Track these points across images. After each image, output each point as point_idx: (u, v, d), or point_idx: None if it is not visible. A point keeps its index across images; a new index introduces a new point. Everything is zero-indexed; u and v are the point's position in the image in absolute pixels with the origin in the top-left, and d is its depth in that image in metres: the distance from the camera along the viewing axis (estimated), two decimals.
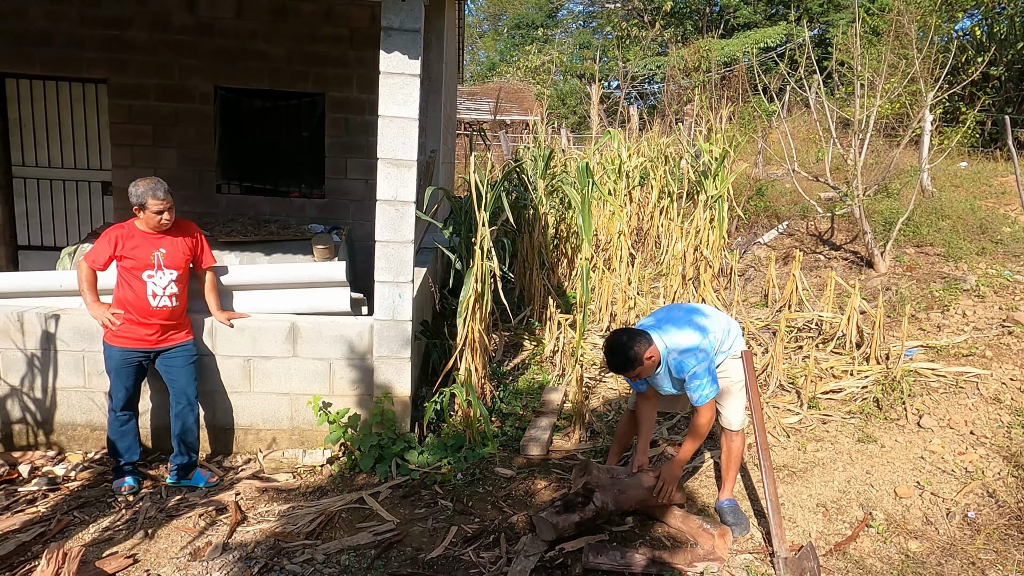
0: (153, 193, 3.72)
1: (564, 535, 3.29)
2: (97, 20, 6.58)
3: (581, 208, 5.16)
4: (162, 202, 3.74)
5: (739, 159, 9.53)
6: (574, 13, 31.23)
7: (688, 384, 3.31)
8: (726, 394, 3.60)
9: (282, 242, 5.57)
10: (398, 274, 4.18)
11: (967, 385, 4.82)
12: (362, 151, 7.01)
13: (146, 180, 3.75)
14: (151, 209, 3.74)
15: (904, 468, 4.11)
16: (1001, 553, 3.30)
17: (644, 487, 3.49)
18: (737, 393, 3.61)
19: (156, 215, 3.76)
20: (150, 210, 3.74)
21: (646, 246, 8.30)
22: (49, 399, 4.24)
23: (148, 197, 3.72)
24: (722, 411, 3.65)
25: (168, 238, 3.85)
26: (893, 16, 10.10)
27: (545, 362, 5.87)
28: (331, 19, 6.80)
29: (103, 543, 3.40)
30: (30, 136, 6.84)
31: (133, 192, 3.73)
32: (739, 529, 3.55)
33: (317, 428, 4.34)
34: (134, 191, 3.73)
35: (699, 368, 3.28)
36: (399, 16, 3.89)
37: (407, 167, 4.05)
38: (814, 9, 22.03)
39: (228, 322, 4.20)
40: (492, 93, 19.41)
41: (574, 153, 11.05)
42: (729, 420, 3.65)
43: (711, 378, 3.32)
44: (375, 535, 3.47)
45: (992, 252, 6.74)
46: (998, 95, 12.40)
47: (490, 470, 4.21)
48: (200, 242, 4.05)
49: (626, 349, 3.26)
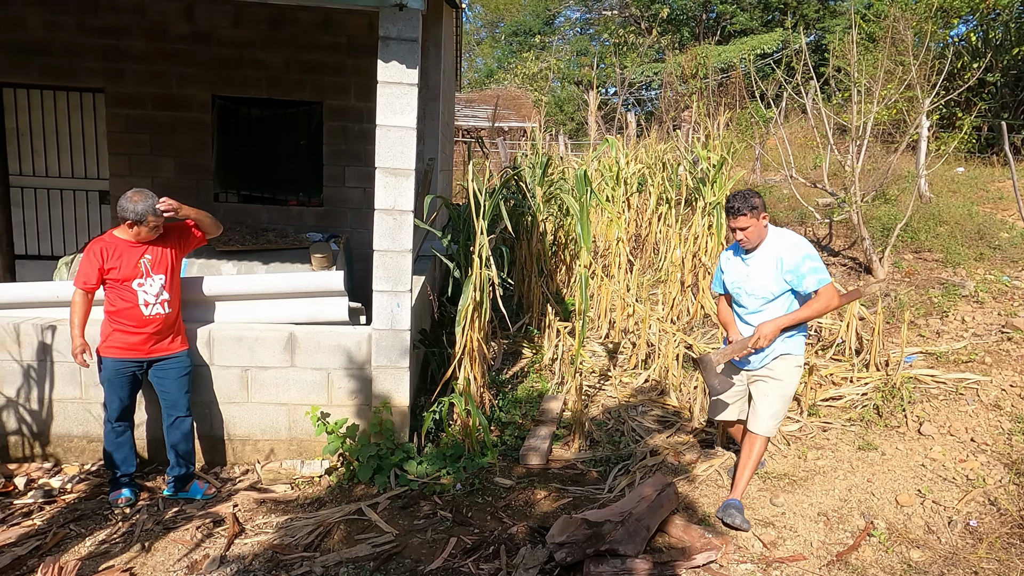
0: (154, 210, 3.70)
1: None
2: (94, 29, 6.58)
3: (579, 216, 5.16)
4: (160, 218, 3.73)
5: (737, 165, 9.54)
6: (571, 20, 31.34)
7: (802, 270, 3.52)
8: (782, 396, 3.70)
9: (280, 251, 5.55)
10: (396, 283, 4.16)
11: (967, 391, 4.81)
12: (360, 159, 7.01)
13: (140, 195, 3.70)
14: (149, 225, 3.71)
15: (905, 476, 4.09)
16: (1004, 562, 3.29)
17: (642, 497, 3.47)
18: (785, 401, 3.72)
19: (152, 230, 3.74)
20: (148, 226, 3.71)
21: (644, 253, 8.29)
22: (45, 410, 4.21)
23: (149, 214, 3.69)
24: (761, 412, 3.71)
25: (150, 244, 3.81)
26: (889, 22, 10.13)
27: (544, 370, 5.86)
28: (329, 28, 6.81)
29: (99, 556, 3.37)
30: (27, 145, 6.82)
31: (131, 208, 3.67)
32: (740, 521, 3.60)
33: (315, 438, 4.31)
34: (132, 208, 3.67)
35: (814, 261, 3.55)
36: (397, 25, 3.89)
37: (405, 176, 4.04)
38: (810, 15, 22.13)
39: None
40: (490, 100, 19.45)
41: (572, 160, 11.05)
42: (763, 423, 3.70)
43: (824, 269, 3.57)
44: (374, 547, 3.45)
45: (990, 257, 6.74)
46: (994, 101, 12.43)
47: (489, 480, 4.18)
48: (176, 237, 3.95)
49: (750, 194, 3.59)
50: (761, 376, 3.75)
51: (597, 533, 3.16)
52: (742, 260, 3.76)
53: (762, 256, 3.65)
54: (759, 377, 3.76)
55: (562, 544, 3.15)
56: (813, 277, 3.53)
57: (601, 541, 3.15)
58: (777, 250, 3.62)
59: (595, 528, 3.18)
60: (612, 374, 5.79)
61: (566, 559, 3.14)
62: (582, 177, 5.22)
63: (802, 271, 3.54)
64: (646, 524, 3.35)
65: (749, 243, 3.64)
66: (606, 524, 3.20)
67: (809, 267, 3.53)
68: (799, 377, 3.79)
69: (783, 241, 3.65)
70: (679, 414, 5.05)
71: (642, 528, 3.31)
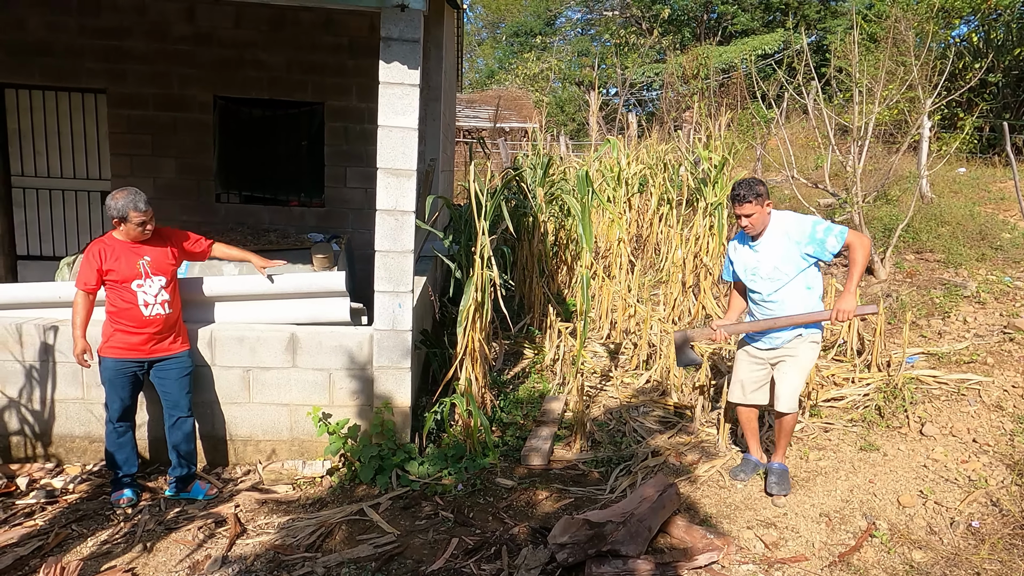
0: (135, 205, 3.69)
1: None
2: (96, 30, 6.59)
3: (581, 217, 5.16)
4: (143, 214, 3.71)
5: (738, 166, 9.54)
6: (572, 21, 31.35)
7: (817, 236, 3.63)
8: (795, 371, 3.85)
9: (281, 251, 5.55)
10: (398, 284, 4.16)
11: (969, 392, 4.81)
12: (361, 160, 7.01)
13: (124, 192, 3.71)
14: (133, 221, 3.71)
15: (907, 477, 4.09)
16: (1006, 563, 3.28)
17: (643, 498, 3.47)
18: (803, 375, 3.90)
19: (138, 227, 3.73)
20: (132, 222, 3.71)
21: (646, 253, 8.29)
22: (47, 411, 4.22)
23: (130, 210, 3.68)
24: (783, 389, 3.88)
25: (149, 247, 3.82)
26: (890, 23, 10.13)
27: (545, 371, 5.86)
28: (330, 28, 6.81)
29: (101, 557, 3.37)
30: (29, 146, 6.83)
31: (112, 205, 3.68)
32: (779, 489, 3.88)
33: (317, 439, 4.31)
34: (113, 204, 3.68)
35: (821, 223, 3.67)
36: (398, 26, 3.89)
37: (407, 177, 4.05)
38: (811, 16, 22.12)
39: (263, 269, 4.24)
40: (491, 101, 19.45)
41: (573, 160, 11.05)
42: (786, 402, 3.89)
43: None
44: (375, 547, 3.45)
45: (992, 258, 6.74)
46: (996, 101, 12.43)
47: (491, 480, 4.18)
48: (182, 244, 4.00)
49: (755, 182, 3.70)
50: (781, 357, 3.92)
51: (599, 534, 3.16)
52: (750, 248, 3.88)
53: (769, 240, 3.79)
54: (780, 358, 3.93)
55: (564, 545, 3.15)
56: (832, 237, 3.66)
57: (603, 542, 3.15)
58: (782, 227, 3.76)
59: (597, 529, 3.18)
60: (613, 375, 5.79)
61: (568, 560, 3.14)
62: (583, 178, 5.22)
63: (818, 237, 3.66)
64: (648, 525, 3.35)
65: (753, 229, 3.77)
66: (608, 525, 3.20)
67: (822, 229, 3.67)
68: (816, 352, 3.93)
69: (784, 219, 3.80)
70: (681, 415, 5.05)
71: (644, 529, 3.30)
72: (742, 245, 3.95)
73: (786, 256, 3.74)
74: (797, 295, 3.79)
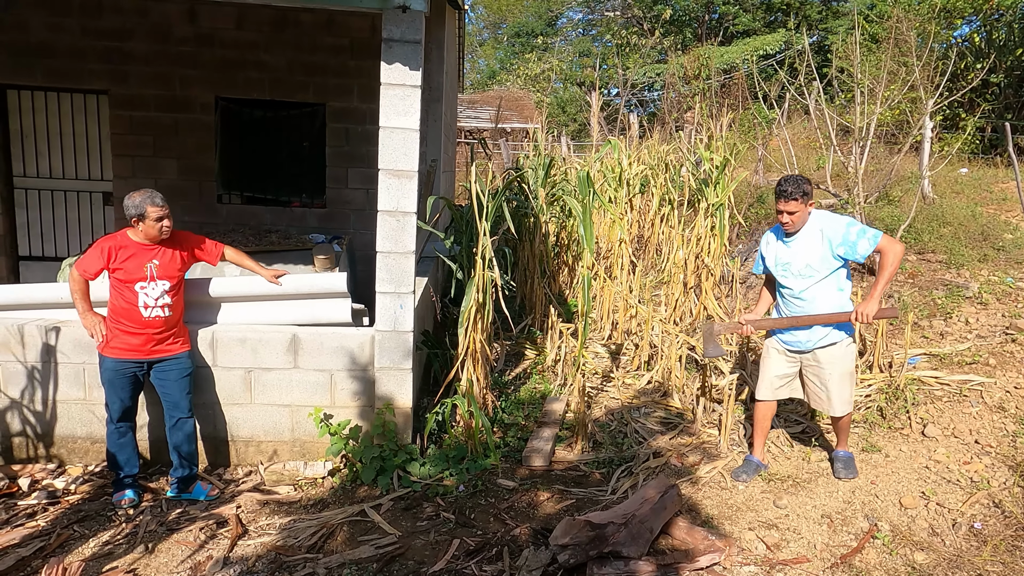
0: (152, 200, 3.71)
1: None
2: (98, 31, 6.60)
3: (582, 218, 5.15)
4: (161, 208, 3.74)
5: (740, 166, 9.52)
6: (573, 21, 31.38)
7: (850, 238, 3.68)
8: (839, 379, 3.92)
9: (283, 252, 5.56)
10: (399, 285, 4.16)
11: (971, 393, 4.80)
12: (363, 161, 7.01)
13: (140, 191, 3.74)
14: (152, 217, 3.72)
15: (909, 478, 4.08)
16: (1008, 565, 3.27)
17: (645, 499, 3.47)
18: (850, 380, 3.97)
19: (157, 223, 3.74)
20: (151, 218, 3.72)
21: (647, 254, 8.29)
22: (49, 412, 4.22)
23: (148, 205, 3.70)
24: (832, 396, 3.94)
25: (162, 249, 3.83)
26: (892, 23, 10.12)
27: (547, 371, 5.85)
28: (331, 29, 6.81)
29: (103, 557, 3.38)
30: (31, 147, 6.84)
31: (130, 204, 3.70)
32: (847, 474, 4.03)
33: (318, 440, 4.32)
34: (130, 203, 3.70)
35: (855, 225, 3.72)
36: (400, 27, 3.89)
37: (408, 178, 4.05)
38: (813, 16, 22.12)
39: (276, 280, 4.25)
40: (492, 101, 19.47)
41: (574, 161, 11.05)
42: (840, 408, 3.96)
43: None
44: (377, 548, 3.45)
45: (994, 259, 6.72)
46: (998, 101, 12.41)
47: (492, 481, 4.18)
48: (194, 249, 4.04)
49: (802, 180, 3.74)
50: (812, 364, 3.97)
51: (600, 535, 3.16)
52: (784, 243, 3.93)
53: (804, 237, 3.84)
54: (811, 364, 3.97)
55: (565, 546, 3.15)
56: (864, 240, 3.70)
57: (604, 543, 3.14)
58: (817, 225, 3.81)
59: (598, 530, 3.17)
60: (615, 375, 5.79)
61: (569, 561, 3.13)
62: (585, 178, 5.22)
63: (851, 239, 3.70)
64: (649, 526, 3.34)
65: (793, 227, 3.82)
66: (609, 526, 3.20)
67: (855, 231, 3.71)
68: (854, 352, 4.03)
69: (820, 218, 3.84)
70: (682, 416, 5.05)
71: (645, 530, 3.30)
72: (776, 239, 4.00)
73: (818, 254, 3.78)
74: (829, 295, 3.84)
